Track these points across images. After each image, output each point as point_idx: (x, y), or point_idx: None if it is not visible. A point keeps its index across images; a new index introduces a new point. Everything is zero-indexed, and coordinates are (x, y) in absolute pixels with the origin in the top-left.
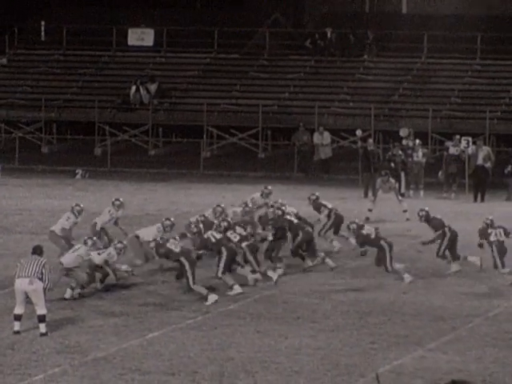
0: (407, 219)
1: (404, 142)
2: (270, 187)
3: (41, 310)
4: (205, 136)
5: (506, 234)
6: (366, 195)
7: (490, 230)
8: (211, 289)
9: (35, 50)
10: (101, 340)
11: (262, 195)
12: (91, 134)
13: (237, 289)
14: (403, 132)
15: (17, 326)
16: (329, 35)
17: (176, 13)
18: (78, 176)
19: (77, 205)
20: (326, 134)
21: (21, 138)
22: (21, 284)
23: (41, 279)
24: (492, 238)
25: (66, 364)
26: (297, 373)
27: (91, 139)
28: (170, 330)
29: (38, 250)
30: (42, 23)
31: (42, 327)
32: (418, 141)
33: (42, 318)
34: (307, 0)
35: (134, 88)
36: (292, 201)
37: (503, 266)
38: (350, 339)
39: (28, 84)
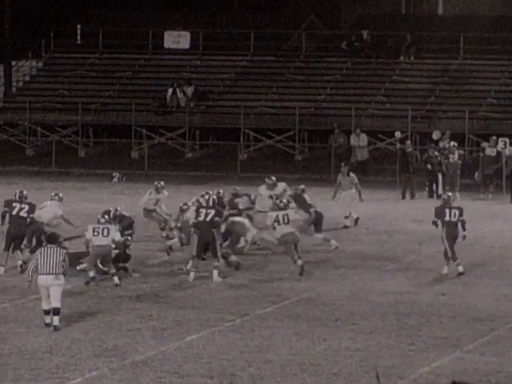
0: None
1: (440, 143)
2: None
3: (57, 303)
4: (241, 138)
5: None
6: (403, 197)
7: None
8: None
9: (71, 54)
10: (139, 343)
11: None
12: (128, 137)
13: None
14: (436, 135)
15: (47, 318)
16: (365, 37)
17: (212, 15)
18: (115, 179)
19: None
20: (363, 136)
21: (58, 142)
22: (46, 281)
23: (62, 273)
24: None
25: (104, 367)
26: (335, 375)
27: (128, 142)
28: (209, 333)
29: (54, 239)
30: (79, 26)
31: (56, 320)
32: (453, 142)
33: (56, 312)
34: (343, 2)
35: (170, 91)
36: (328, 202)
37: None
38: (389, 341)
39: (64, 87)
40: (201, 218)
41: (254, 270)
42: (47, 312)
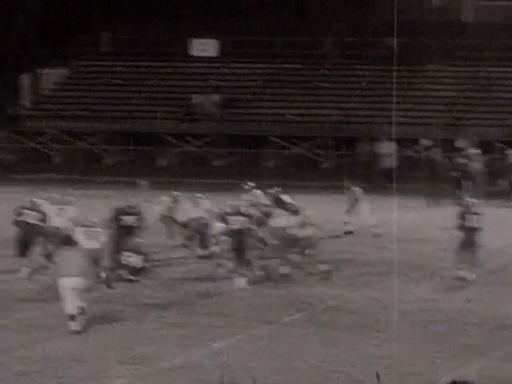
0: None
1: (466, 150)
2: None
3: (77, 307)
4: (268, 146)
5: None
6: (429, 204)
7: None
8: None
9: (98, 62)
10: (166, 351)
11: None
12: (154, 145)
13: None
14: (460, 143)
15: (73, 325)
16: (391, 44)
17: (239, 23)
18: (141, 187)
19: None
20: (390, 144)
21: (84, 149)
22: (68, 283)
23: (83, 275)
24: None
25: (131, 375)
26: (361, 382)
27: (154, 150)
28: (235, 341)
29: (70, 242)
30: (104, 34)
31: (76, 324)
32: (477, 150)
33: (77, 315)
34: (370, 9)
35: (197, 98)
36: (355, 210)
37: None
38: (415, 348)
39: (90, 95)
40: (234, 226)
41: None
42: (73, 318)
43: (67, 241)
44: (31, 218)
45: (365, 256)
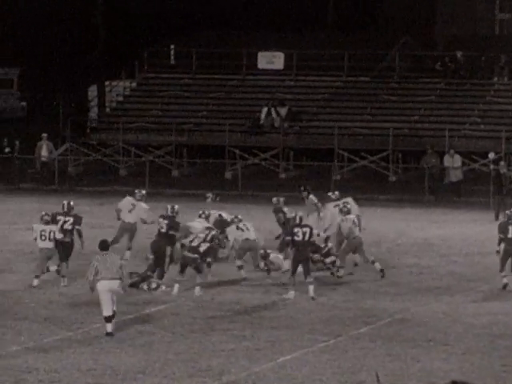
0: None
1: None
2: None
3: (113, 310)
4: (335, 159)
5: None
6: (497, 218)
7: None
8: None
9: (165, 74)
10: (232, 364)
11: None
12: (221, 158)
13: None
14: (491, 155)
15: (109, 327)
16: (459, 57)
17: (306, 36)
18: (209, 200)
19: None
20: (457, 157)
21: (151, 162)
22: (108, 286)
23: (120, 278)
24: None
25: None
26: None
27: (221, 163)
28: (302, 354)
29: (106, 246)
30: (172, 47)
31: (110, 327)
32: None
33: (112, 318)
34: (437, 22)
35: (264, 111)
36: (423, 223)
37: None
38: (482, 362)
39: (158, 108)
40: (298, 238)
41: (347, 290)
42: (109, 319)
43: (103, 245)
44: (65, 223)
45: (432, 269)
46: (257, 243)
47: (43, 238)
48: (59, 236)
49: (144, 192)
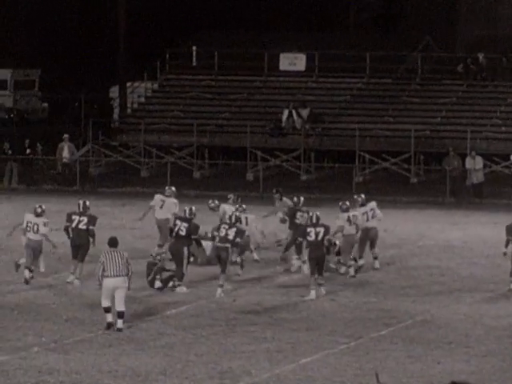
0: None
1: None
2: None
3: (122, 307)
4: (357, 161)
5: None
6: None
7: None
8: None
9: (187, 75)
10: (253, 365)
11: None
12: (243, 159)
13: None
14: None
15: (109, 317)
16: (481, 59)
17: (328, 37)
18: (230, 201)
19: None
20: (479, 159)
21: (172, 163)
22: (114, 283)
23: (127, 274)
24: None
25: None
26: None
27: (243, 164)
28: (323, 356)
29: (115, 243)
30: (194, 48)
31: (120, 323)
32: None
33: (121, 315)
34: (459, 24)
35: (286, 113)
36: (444, 225)
37: None
38: (503, 364)
39: (180, 109)
40: (311, 238)
41: (368, 291)
42: (107, 310)
43: (112, 242)
44: (80, 223)
45: (453, 271)
46: (247, 237)
47: (29, 229)
48: (43, 230)
49: (174, 189)
